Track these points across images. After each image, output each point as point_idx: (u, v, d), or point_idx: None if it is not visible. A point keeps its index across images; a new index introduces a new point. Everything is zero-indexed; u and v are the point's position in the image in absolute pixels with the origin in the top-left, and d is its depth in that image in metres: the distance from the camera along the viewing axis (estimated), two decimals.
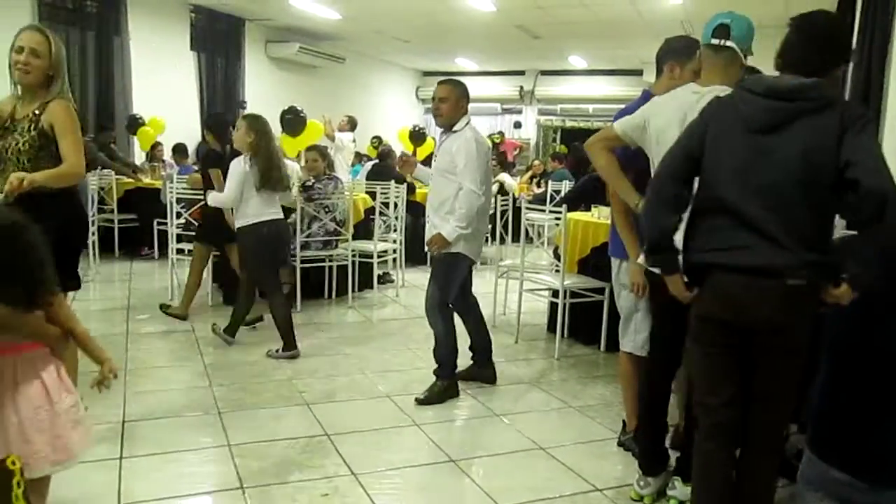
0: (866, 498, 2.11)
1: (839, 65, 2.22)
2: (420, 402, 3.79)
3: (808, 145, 2.04)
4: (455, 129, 3.82)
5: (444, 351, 3.95)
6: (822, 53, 2.13)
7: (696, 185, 2.26)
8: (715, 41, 2.54)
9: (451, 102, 3.85)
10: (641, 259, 2.72)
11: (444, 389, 3.90)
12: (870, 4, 4.17)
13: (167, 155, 8.86)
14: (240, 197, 4.37)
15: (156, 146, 8.81)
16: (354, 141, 9.86)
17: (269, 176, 4.38)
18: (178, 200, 5.80)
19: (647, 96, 2.87)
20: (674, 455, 2.87)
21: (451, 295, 3.90)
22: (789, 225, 2.06)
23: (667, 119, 2.60)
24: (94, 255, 6.81)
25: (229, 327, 4.68)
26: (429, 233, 3.88)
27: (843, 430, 2.16)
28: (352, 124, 9.82)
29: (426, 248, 3.90)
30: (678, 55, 2.87)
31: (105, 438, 3.20)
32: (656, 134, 2.62)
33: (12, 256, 1.95)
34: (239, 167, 4.38)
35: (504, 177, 9.06)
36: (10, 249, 1.95)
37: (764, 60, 2.95)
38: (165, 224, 6.00)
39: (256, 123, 4.45)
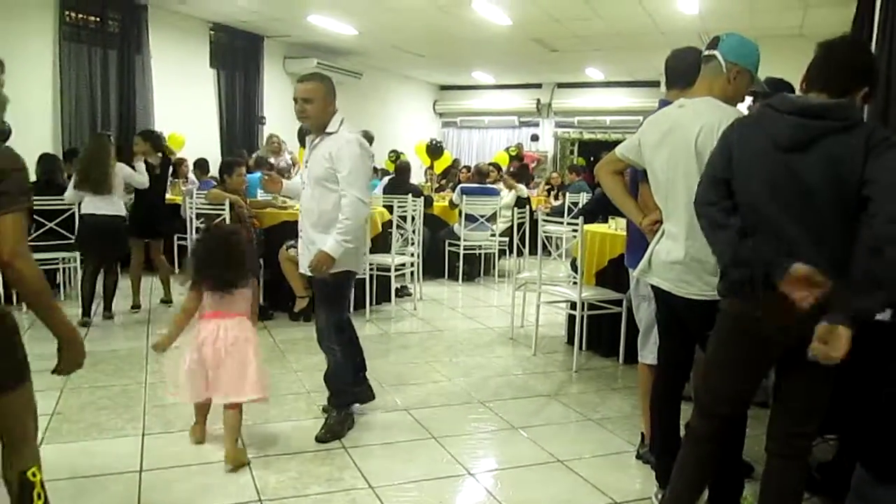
0: None
1: (862, 87, 2.21)
2: (320, 439, 3.40)
3: (835, 165, 2.02)
4: (329, 130, 3.40)
5: (342, 378, 3.57)
6: (844, 77, 2.14)
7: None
8: (706, 51, 2.57)
9: (318, 102, 3.35)
10: (638, 271, 2.74)
11: (341, 421, 3.52)
12: (887, 19, 4.13)
13: (190, 171, 8.96)
14: (73, 196, 5.59)
15: (180, 162, 8.88)
16: (372, 156, 9.89)
17: (78, 180, 5.50)
18: (198, 216, 5.86)
19: (663, 105, 2.87)
20: None
21: (346, 312, 3.60)
22: (822, 246, 2.05)
23: (653, 135, 2.63)
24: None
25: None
26: (305, 251, 3.45)
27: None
28: (367, 138, 9.86)
29: (309, 270, 3.38)
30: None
31: (125, 451, 3.23)
32: (647, 151, 2.64)
33: (241, 252, 3.17)
34: None
35: (521, 188, 9.06)
36: (240, 248, 3.18)
37: (783, 69, 2.95)
38: (185, 239, 6.06)
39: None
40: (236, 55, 10.46)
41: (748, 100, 2.79)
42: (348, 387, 3.60)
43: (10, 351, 1.90)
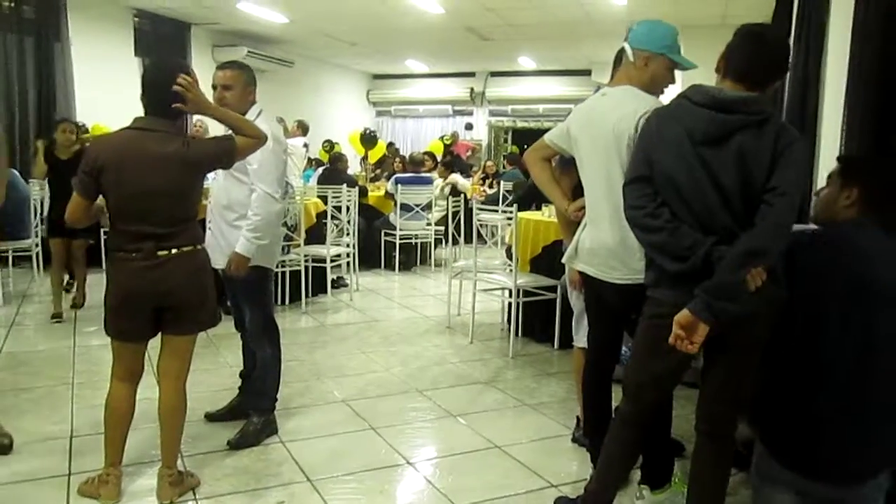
0: (826, 493, 2.14)
1: (778, 80, 2.27)
2: (232, 445, 3.26)
3: (745, 162, 2.07)
4: None
5: (271, 378, 3.42)
6: (766, 69, 2.17)
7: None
8: (623, 44, 2.63)
9: (237, 90, 3.22)
10: (566, 258, 2.79)
11: (260, 430, 3.35)
12: (805, 10, 4.28)
13: None
14: None
15: None
16: (307, 146, 9.77)
17: None
18: None
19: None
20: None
21: (272, 308, 3.49)
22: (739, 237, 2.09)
23: (579, 123, 2.68)
24: (38, 267, 6.62)
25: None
26: (213, 243, 3.24)
27: (792, 432, 2.19)
28: (303, 129, 9.73)
29: (227, 271, 3.20)
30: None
31: (53, 453, 3.13)
32: (574, 138, 2.68)
33: None
34: None
35: (456, 177, 9.09)
36: None
37: (706, 58, 3.02)
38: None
39: None
40: (162, 43, 10.09)
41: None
42: (273, 390, 3.44)
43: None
